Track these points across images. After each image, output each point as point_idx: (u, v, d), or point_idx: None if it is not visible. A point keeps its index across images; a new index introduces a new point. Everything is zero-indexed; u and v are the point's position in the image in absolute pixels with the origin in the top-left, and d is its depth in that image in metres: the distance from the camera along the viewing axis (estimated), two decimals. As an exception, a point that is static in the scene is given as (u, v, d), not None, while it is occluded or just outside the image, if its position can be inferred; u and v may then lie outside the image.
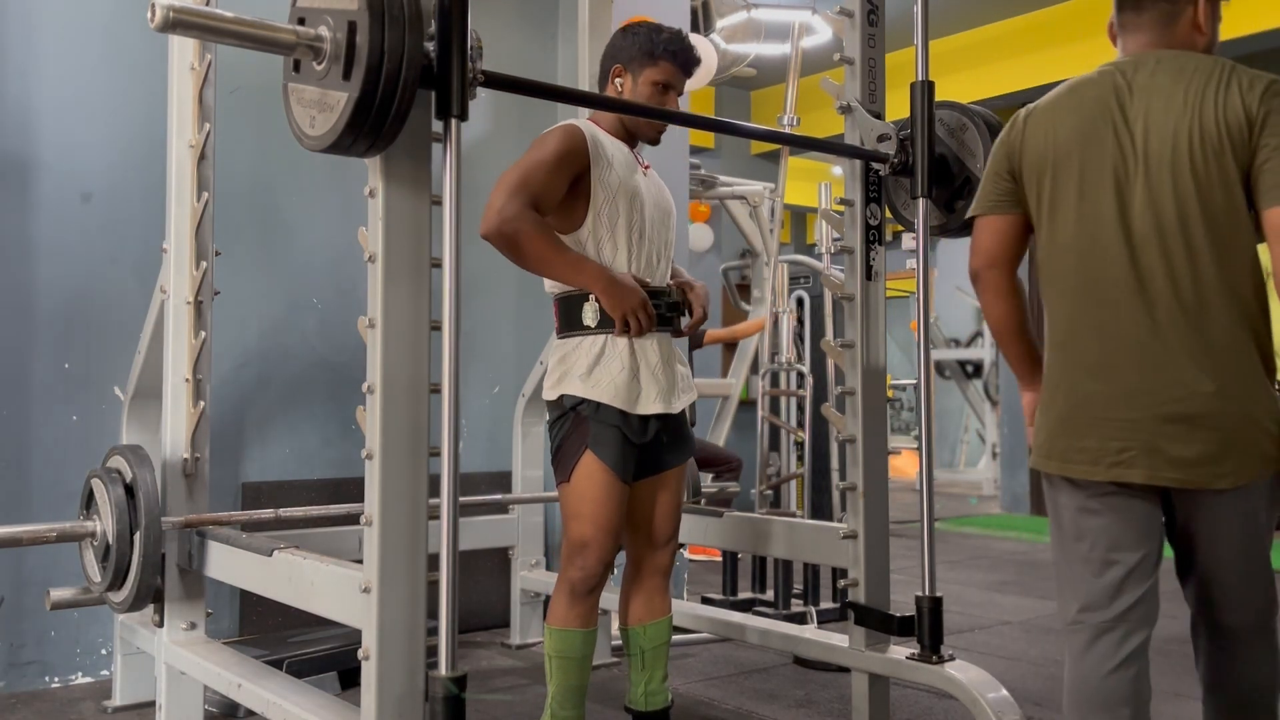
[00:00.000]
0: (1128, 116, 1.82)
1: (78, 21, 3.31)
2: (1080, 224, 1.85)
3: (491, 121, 4.11)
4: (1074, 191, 1.85)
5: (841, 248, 2.66)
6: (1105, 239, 1.82)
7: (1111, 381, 1.79)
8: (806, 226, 11.25)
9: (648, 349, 2.27)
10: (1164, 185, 1.77)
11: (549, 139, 2.24)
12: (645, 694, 2.37)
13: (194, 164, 2.75)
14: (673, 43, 2.36)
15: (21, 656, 3.16)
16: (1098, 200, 1.83)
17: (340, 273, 3.71)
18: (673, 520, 2.39)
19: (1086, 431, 1.81)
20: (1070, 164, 1.86)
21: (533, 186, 2.17)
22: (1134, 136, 1.80)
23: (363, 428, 1.88)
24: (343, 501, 3.35)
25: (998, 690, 2.31)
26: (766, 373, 4.48)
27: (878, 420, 2.59)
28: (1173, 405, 1.75)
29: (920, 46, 2.48)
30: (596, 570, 2.25)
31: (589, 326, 2.25)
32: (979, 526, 7.25)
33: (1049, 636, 3.94)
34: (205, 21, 1.69)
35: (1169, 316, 1.76)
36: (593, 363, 2.24)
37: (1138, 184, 1.79)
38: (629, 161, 2.35)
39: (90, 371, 3.29)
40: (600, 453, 2.22)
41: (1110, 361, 1.80)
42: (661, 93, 2.35)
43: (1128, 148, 1.81)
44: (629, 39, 2.39)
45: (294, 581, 2.27)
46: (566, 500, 2.27)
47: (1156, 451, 1.75)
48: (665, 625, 2.38)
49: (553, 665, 2.28)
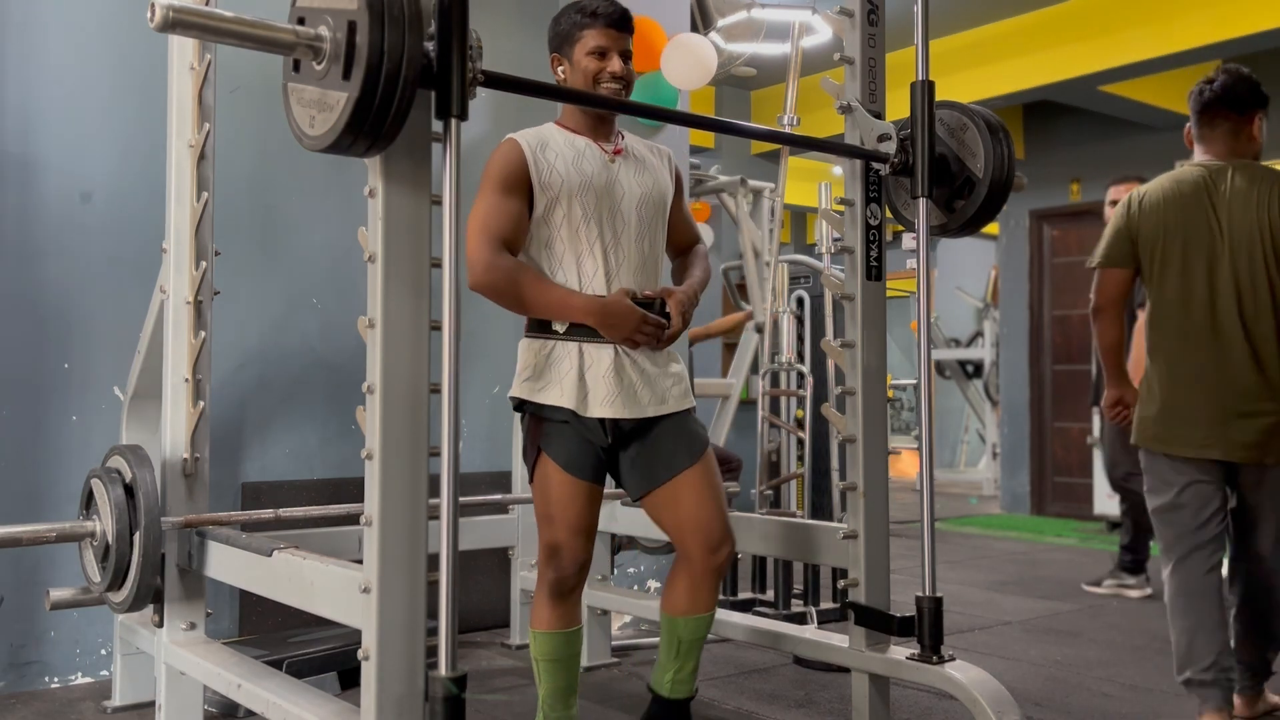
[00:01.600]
0: (1216, 210, 2.74)
1: (77, 21, 3.31)
2: (1181, 283, 2.75)
3: (491, 121, 4.11)
4: (1178, 260, 2.75)
5: (841, 248, 2.65)
6: (1198, 296, 2.73)
7: (1197, 392, 2.74)
8: (806, 226, 11.25)
9: (600, 352, 2.23)
10: (1241, 260, 2.70)
11: (489, 166, 2.24)
12: (672, 681, 2.35)
13: (194, 164, 2.75)
14: (586, 8, 2.28)
15: (21, 656, 3.16)
16: (1194, 268, 2.74)
17: (340, 273, 3.71)
18: (716, 520, 2.29)
19: (1180, 424, 2.75)
20: (1176, 240, 2.76)
21: (493, 227, 2.17)
22: (1221, 225, 2.73)
23: (363, 428, 1.88)
24: (343, 501, 3.35)
25: (998, 690, 2.30)
26: (766, 373, 4.48)
27: (878, 420, 2.59)
28: (1239, 408, 2.70)
29: (920, 46, 2.47)
30: (571, 571, 2.24)
31: (557, 332, 2.24)
32: (979, 526, 7.25)
33: (1049, 636, 3.94)
34: (205, 21, 1.68)
35: (1239, 351, 2.70)
36: (541, 364, 2.24)
37: (1224, 259, 2.71)
38: (588, 156, 2.28)
39: (90, 371, 3.29)
40: (552, 452, 2.22)
41: (1197, 378, 2.73)
42: (600, 59, 2.27)
43: (1216, 233, 2.73)
44: (554, 25, 2.35)
45: (294, 581, 2.27)
46: (535, 502, 2.28)
47: (1229, 439, 2.70)
48: (706, 621, 2.36)
49: (540, 668, 2.29)
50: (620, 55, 2.29)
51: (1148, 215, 2.79)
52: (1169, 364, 2.78)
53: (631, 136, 2.42)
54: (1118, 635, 3.94)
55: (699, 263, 2.47)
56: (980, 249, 10.23)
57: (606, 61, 2.28)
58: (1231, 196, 2.72)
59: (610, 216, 2.27)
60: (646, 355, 2.28)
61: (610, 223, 2.27)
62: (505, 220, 2.19)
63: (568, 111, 2.36)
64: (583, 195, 2.24)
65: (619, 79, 2.28)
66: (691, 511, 2.29)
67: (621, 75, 2.29)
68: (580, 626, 2.32)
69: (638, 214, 2.31)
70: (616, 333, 2.20)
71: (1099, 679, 3.36)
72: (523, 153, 2.23)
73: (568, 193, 2.23)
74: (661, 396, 2.30)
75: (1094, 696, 3.17)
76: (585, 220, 2.24)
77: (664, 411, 2.30)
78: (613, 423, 2.24)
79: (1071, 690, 3.23)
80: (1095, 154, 7.59)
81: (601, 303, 2.20)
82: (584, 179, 2.25)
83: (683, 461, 2.30)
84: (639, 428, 2.29)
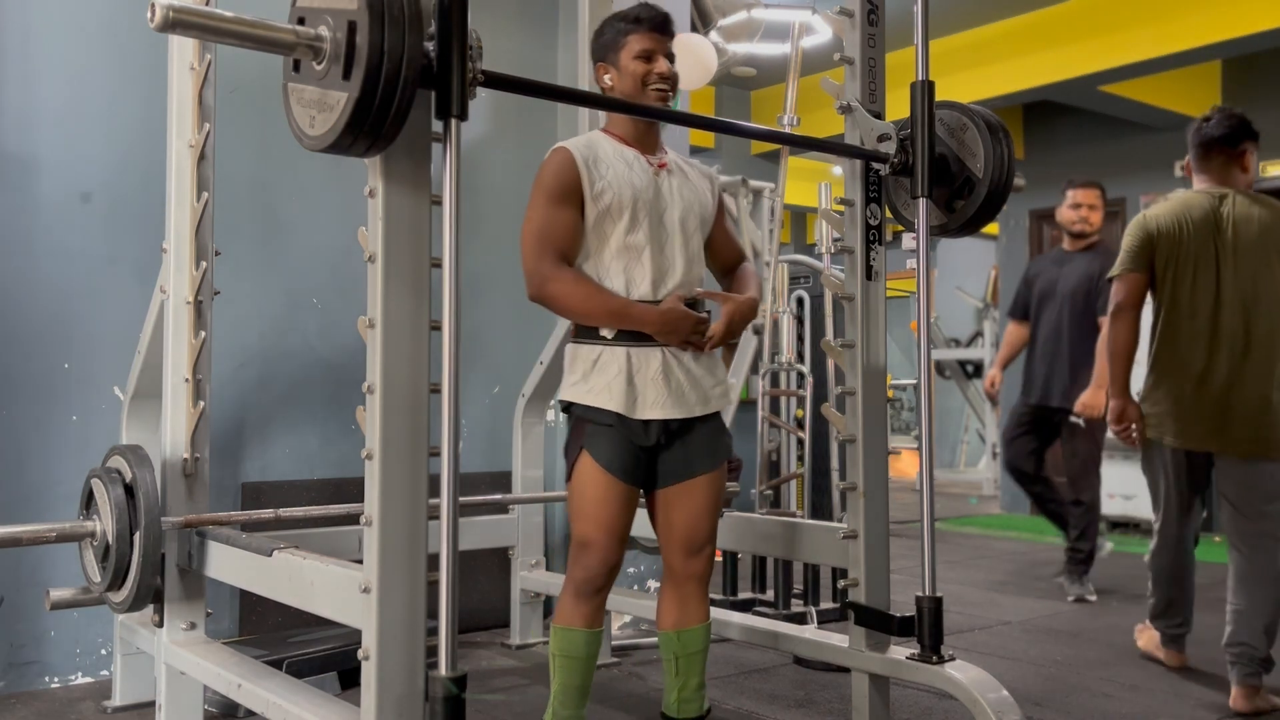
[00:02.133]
0: (1221, 231, 3.11)
1: (77, 21, 3.31)
2: (1191, 294, 3.13)
3: (491, 121, 4.11)
4: (1189, 275, 3.13)
5: (841, 248, 2.65)
6: (1205, 306, 3.10)
7: (1200, 392, 3.10)
8: (806, 226, 11.25)
9: (648, 356, 2.26)
10: (1244, 275, 3.09)
11: (541, 176, 2.28)
12: (678, 700, 2.36)
13: (194, 164, 2.75)
14: (632, 12, 2.33)
15: (21, 656, 3.16)
16: (1202, 282, 3.11)
17: (340, 273, 3.71)
18: (704, 527, 2.35)
19: (1183, 419, 3.13)
20: (1189, 256, 3.13)
21: (551, 239, 2.23)
22: (1226, 244, 3.10)
23: (363, 428, 1.88)
24: (343, 501, 3.35)
25: (998, 690, 2.30)
26: (766, 373, 4.47)
27: (878, 420, 2.59)
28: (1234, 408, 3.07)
29: (920, 46, 2.47)
30: (599, 571, 2.25)
31: (605, 337, 2.27)
32: (979, 526, 7.25)
33: (1049, 636, 3.94)
34: (205, 21, 1.68)
35: (1239, 357, 3.08)
36: (589, 368, 2.27)
37: (1229, 273, 3.09)
38: (636, 168, 2.32)
39: (90, 371, 3.29)
40: (595, 452, 2.23)
41: (1201, 379, 3.10)
42: (646, 61, 2.31)
43: (1223, 251, 3.10)
44: (597, 36, 2.39)
45: (294, 581, 2.27)
46: (569, 500, 2.30)
47: (1226, 435, 3.09)
48: (701, 632, 2.37)
49: (556, 663, 2.29)
50: (665, 57, 2.34)
51: (1164, 234, 3.15)
52: (1175, 366, 3.15)
53: (674, 152, 2.46)
54: (1118, 635, 3.94)
55: (752, 282, 2.49)
56: (980, 249, 10.23)
57: (653, 64, 2.31)
58: (1235, 219, 3.11)
59: (656, 227, 2.31)
60: (692, 357, 2.32)
61: (656, 233, 2.30)
62: (562, 231, 2.24)
63: (615, 120, 2.39)
64: (633, 206, 2.27)
65: (666, 79, 2.32)
66: (682, 516, 2.33)
67: (668, 76, 2.33)
68: (601, 630, 2.31)
69: (681, 226, 2.34)
70: (675, 337, 2.26)
71: (1099, 679, 3.36)
72: (575, 163, 2.26)
73: (619, 203, 2.26)
74: (705, 397, 2.34)
75: (1094, 696, 3.17)
76: (634, 230, 2.28)
77: (709, 410, 2.35)
78: (661, 424, 2.28)
79: (1071, 690, 3.23)
80: (1095, 154, 7.59)
81: (659, 310, 2.25)
82: (634, 190, 2.28)
83: (702, 467, 2.34)
84: (682, 427, 2.32)
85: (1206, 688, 3.25)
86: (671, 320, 2.25)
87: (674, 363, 2.28)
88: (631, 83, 2.31)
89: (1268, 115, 6.85)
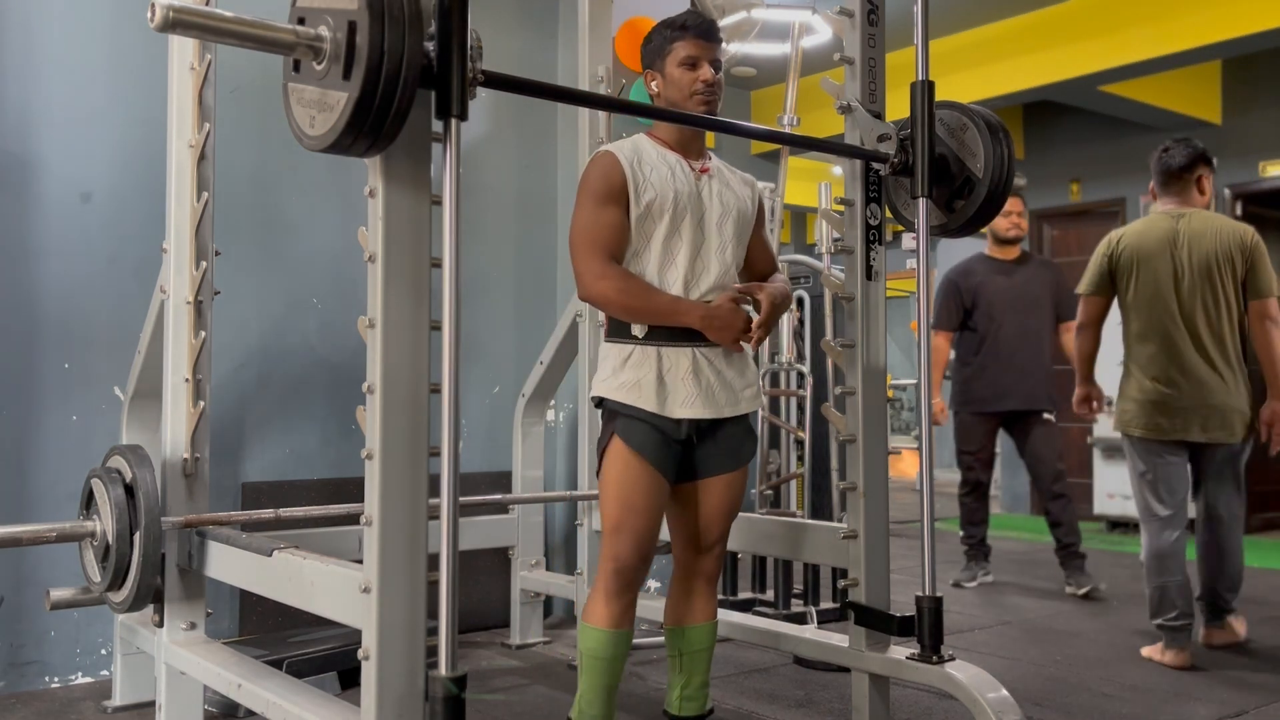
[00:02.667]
0: (1178, 246, 3.55)
1: (77, 21, 3.31)
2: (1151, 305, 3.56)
3: (491, 121, 4.11)
4: (1150, 286, 3.57)
5: (841, 248, 2.65)
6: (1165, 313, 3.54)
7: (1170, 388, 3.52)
8: (806, 226, 11.24)
9: (679, 355, 2.28)
10: (1200, 286, 3.51)
11: (587, 178, 2.30)
12: (681, 697, 2.37)
13: (194, 164, 2.75)
14: (678, 19, 2.36)
15: (21, 656, 3.16)
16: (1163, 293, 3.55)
17: (340, 273, 3.71)
18: (720, 525, 2.37)
19: (1154, 415, 3.54)
20: (1148, 268, 3.58)
21: (600, 240, 2.26)
22: (1183, 256, 3.54)
23: (363, 428, 1.88)
24: (343, 501, 3.35)
25: (998, 690, 2.30)
26: (766, 373, 4.47)
27: (878, 420, 2.59)
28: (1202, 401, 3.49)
29: (920, 46, 2.47)
30: (631, 560, 2.23)
31: (636, 336, 2.28)
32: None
33: (1049, 636, 3.94)
34: (205, 21, 1.68)
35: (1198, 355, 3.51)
36: (619, 365, 2.29)
37: (1185, 282, 3.52)
38: (679, 172, 2.33)
39: (90, 371, 3.29)
40: (627, 438, 2.24)
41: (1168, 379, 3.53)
42: (692, 68, 2.33)
43: (1180, 262, 3.54)
44: (645, 44, 2.41)
45: (294, 581, 2.27)
46: (600, 491, 2.30)
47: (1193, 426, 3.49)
48: (706, 630, 2.37)
49: (584, 663, 2.28)
50: (710, 64, 2.35)
51: (1125, 254, 3.63)
52: (1145, 368, 3.59)
53: (717, 159, 2.46)
54: (1118, 635, 3.94)
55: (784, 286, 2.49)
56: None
57: (698, 71, 2.33)
58: (1190, 236, 3.55)
59: (696, 230, 2.32)
60: (723, 358, 2.33)
61: (695, 236, 2.32)
62: (609, 232, 2.26)
63: (660, 125, 2.41)
64: (675, 209, 2.29)
65: (710, 86, 2.34)
66: (698, 512, 2.35)
67: (713, 83, 2.34)
68: (630, 631, 2.30)
69: (719, 230, 2.35)
70: (726, 334, 2.27)
71: (1099, 679, 3.36)
72: (621, 166, 2.28)
73: (660, 206, 2.28)
74: (736, 398, 2.35)
75: (1094, 696, 3.17)
76: (675, 233, 2.29)
77: (739, 412, 2.35)
78: (692, 422, 2.29)
79: (1071, 690, 3.23)
80: (1095, 154, 7.59)
81: (707, 307, 2.27)
82: (676, 193, 2.30)
83: (727, 466, 2.35)
84: (713, 426, 2.32)
85: (1207, 687, 3.25)
86: (722, 316, 2.26)
87: (704, 363, 2.29)
88: (677, 90, 2.34)
89: (1268, 115, 6.87)
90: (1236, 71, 6.97)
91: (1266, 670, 3.46)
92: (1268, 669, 3.47)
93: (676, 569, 2.40)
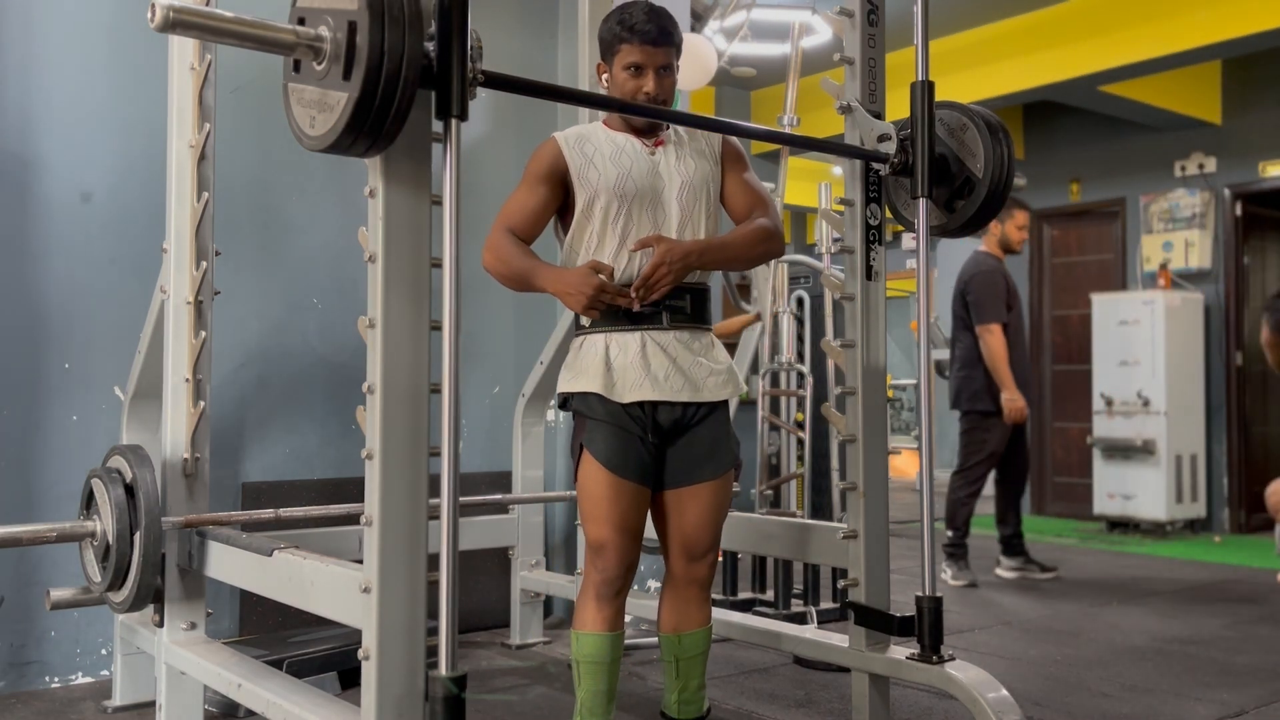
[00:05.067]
0: None
1: (78, 21, 3.31)
2: None
3: (491, 121, 4.11)
4: None
5: (841, 248, 2.65)
6: None
7: None
8: (806, 226, 11.24)
9: (627, 339, 2.24)
10: None
11: (528, 163, 2.32)
12: (678, 701, 2.36)
13: (194, 164, 2.75)
14: (626, 21, 2.26)
15: (21, 656, 3.16)
16: None
17: (340, 273, 3.71)
18: (707, 534, 2.33)
19: None
20: None
21: (508, 214, 2.30)
22: None
23: (363, 428, 1.88)
24: (343, 501, 3.35)
25: (998, 690, 2.30)
26: (766, 373, 4.47)
27: (878, 420, 2.59)
28: None
29: (920, 46, 2.47)
30: (616, 572, 2.23)
31: (584, 326, 2.29)
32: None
33: (1049, 636, 3.94)
34: (205, 21, 1.68)
35: None
36: (574, 359, 2.30)
37: None
38: (628, 150, 2.29)
39: (90, 371, 3.29)
40: (594, 449, 2.22)
41: None
42: (636, 75, 2.25)
43: None
44: (600, 31, 2.34)
45: (294, 581, 2.27)
46: (579, 505, 2.30)
47: None
48: (701, 636, 2.36)
49: (580, 670, 2.26)
50: (657, 71, 2.26)
51: None
52: None
53: (680, 130, 2.38)
54: (1118, 635, 3.94)
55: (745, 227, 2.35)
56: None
57: (641, 80, 2.25)
58: None
59: (651, 207, 2.28)
60: (679, 342, 2.27)
61: (650, 213, 2.28)
62: (519, 209, 2.29)
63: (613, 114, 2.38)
64: (620, 188, 2.25)
65: (652, 100, 2.26)
66: (687, 523, 2.31)
67: (655, 96, 2.26)
68: (622, 632, 2.29)
69: (678, 203, 2.29)
70: (573, 300, 2.17)
71: (1099, 679, 3.36)
72: (559, 149, 2.28)
73: (605, 186, 2.26)
74: (696, 384, 2.27)
75: (1094, 696, 3.17)
76: (623, 213, 2.26)
77: (700, 399, 2.28)
78: (651, 412, 2.24)
79: (1071, 690, 3.23)
80: (1095, 154, 7.59)
81: (558, 271, 2.22)
82: (621, 172, 2.26)
83: (706, 474, 2.30)
84: (682, 425, 2.27)
85: (1207, 688, 3.25)
86: (569, 281, 2.17)
87: (655, 347, 2.24)
88: (620, 95, 2.29)
89: (1268, 115, 6.86)
90: (1236, 71, 6.96)
91: (1266, 670, 3.46)
92: (1267, 669, 3.48)
93: (669, 577, 2.38)
